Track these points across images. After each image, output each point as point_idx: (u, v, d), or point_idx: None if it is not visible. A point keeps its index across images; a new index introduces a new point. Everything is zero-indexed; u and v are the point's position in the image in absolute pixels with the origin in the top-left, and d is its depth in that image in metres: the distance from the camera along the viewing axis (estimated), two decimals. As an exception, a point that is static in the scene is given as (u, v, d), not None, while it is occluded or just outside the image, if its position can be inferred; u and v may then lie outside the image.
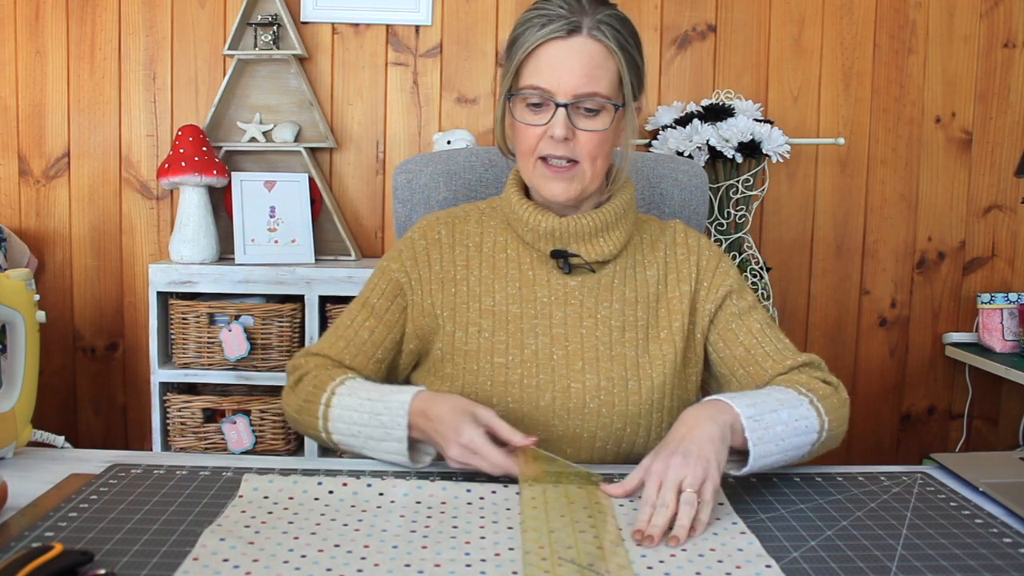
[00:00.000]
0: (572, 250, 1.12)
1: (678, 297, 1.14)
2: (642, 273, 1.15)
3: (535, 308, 1.12)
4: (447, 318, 1.12)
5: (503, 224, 1.17)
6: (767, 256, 2.49)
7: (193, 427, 2.22)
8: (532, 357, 1.09)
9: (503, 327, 1.11)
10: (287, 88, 2.44)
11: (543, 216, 1.11)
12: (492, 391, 1.08)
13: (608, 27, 1.05)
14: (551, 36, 1.04)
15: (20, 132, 2.47)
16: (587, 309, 1.12)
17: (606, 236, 1.13)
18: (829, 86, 2.48)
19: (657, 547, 0.80)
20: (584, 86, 1.04)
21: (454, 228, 1.17)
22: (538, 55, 1.05)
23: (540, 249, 1.13)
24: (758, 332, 1.12)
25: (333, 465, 1.02)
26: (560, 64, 1.04)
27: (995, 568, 0.77)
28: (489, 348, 1.10)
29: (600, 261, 1.13)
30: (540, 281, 1.13)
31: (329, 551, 0.78)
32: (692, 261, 1.16)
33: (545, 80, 1.05)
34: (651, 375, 1.09)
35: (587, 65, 1.04)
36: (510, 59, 1.09)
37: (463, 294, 1.13)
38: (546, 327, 1.11)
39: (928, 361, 2.57)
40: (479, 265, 1.15)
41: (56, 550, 0.69)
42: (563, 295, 1.12)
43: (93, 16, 2.44)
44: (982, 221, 2.54)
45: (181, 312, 2.20)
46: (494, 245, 1.16)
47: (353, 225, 2.50)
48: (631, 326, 1.12)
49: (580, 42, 1.04)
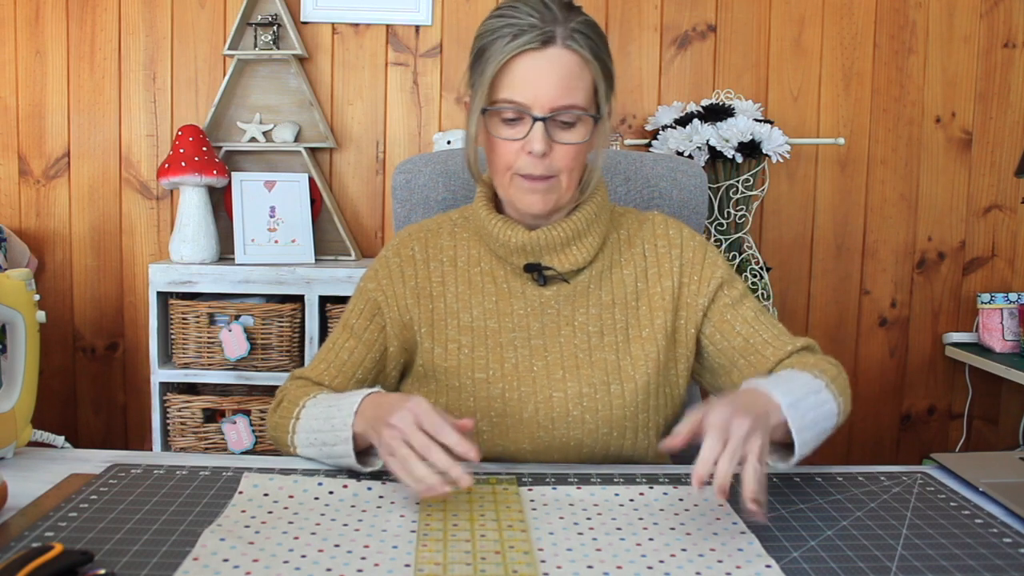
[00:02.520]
0: (545, 262, 1.11)
1: (659, 293, 1.12)
2: (619, 273, 1.14)
3: (512, 321, 1.11)
4: (425, 334, 1.12)
5: (475, 236, 1.16)
6: (767, 256, 2.50)
7: (193, 427, 2.22)
8: (512, 370, 1.09)
9: (482, 342, 1.10)
10: (287, 88, 2.44)
11: (513, 231, 1.10)
12: (475, 406, 1.08)
13: (581, 35, 1.02)
14: (525, 48, 1.00)
15: (20, 132, 2.47)
16: (564, 317, 1.11)
17: (579, 244, 1.11)
18: (829, 86, 2.48)
19: (657, 547, 0.80)
20: (561, 99, 1.01)
21: (427, 243, 1.16)
22: (512, 68, 1.01)
23: (513, 263, 1.12)
24: (753, 320, 1.12)
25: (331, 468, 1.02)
26: (536, 77, 1.01)
27: (995, 568, 0.77)
28: (469, 364, 1.09)
29: (574, 270, 1.12)
30: (515, 294, 1.12)
31: (329, 551, 0.78)
32: (674, 255, 1.14)
33: (520, 94, 1.01)
34: (634, 377, 1.09)
35: (564, 77, 1.01)
36: (480, 72, 1.04)
37: (440, 310, 1.13)
38: (524, 339, 1.10)
39: (928, 361, 2.57)
40: (455, 280, 1.14)
41: (56, 550, 0.69)
42: (539, 306, 1.11)
43: (93, 16, 2.44)
44: (982, 221, 2.54)
45: (181, 312, 2.20)
46: (468, 259, 1.15)
47: (353, 225, 2.50)
48: (609, 330, 1.11)
49: (555, 53, 1.01)
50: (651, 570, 0.76)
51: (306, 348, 2.22)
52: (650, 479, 0.98)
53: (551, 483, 0.96)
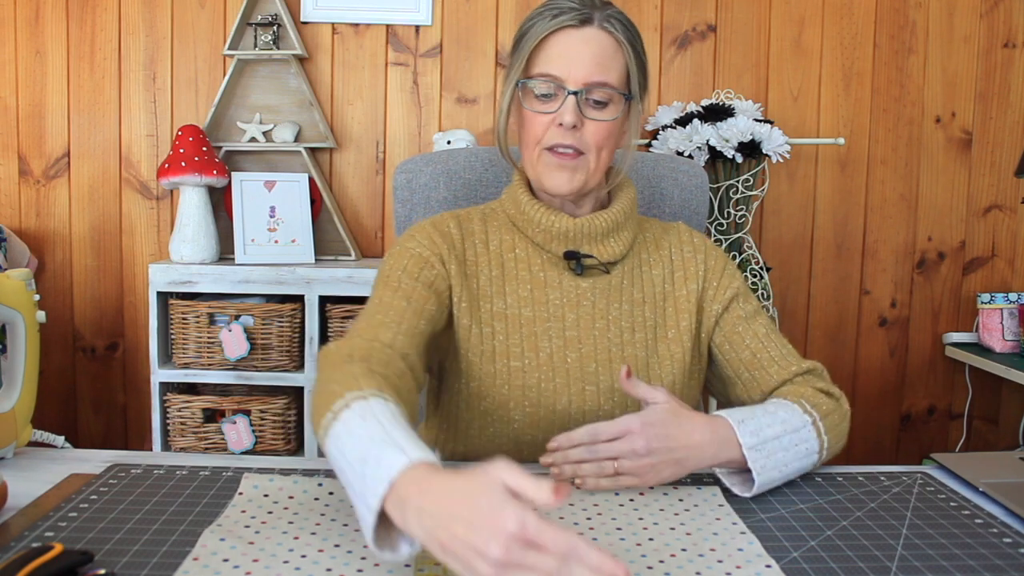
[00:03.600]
0: (585, 251, 1.12)
1: (685, 296, 1.14)
2: (648, 273, 1.16)
3: (547, 311, 1.11)
4: (464, 310, 1.09)
5: (507, 225, 1.16)
6: (767, 256, 2.49)
7: (193, 427, 2.22)
8: (547, 360, 1.09)
9: (516, 330, 1.10)
10: (287, 88, 2.44)
11: (556, 217, 1.11)
12: (510, 395, 1.08)
13: (617, 21, 1.07)
14: (563, 25, 1.05)
15: (20, 132, 2.47)
16: (599, 310, 1.11)
17: (616, 236, 1.13)
18: (829, 86, 2.48)
19: (657, 547, 0.80)
20: (595, 75, 1.05)
21: (461, 225, 1.16)
22: (549, 43, 1.06)
23: (552, 250, 1.12)
24: (763, 337, 1.13)
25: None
26: (571, 52, 1.05)
27: (995, 568, 0.77)
28: (504, 351, 1.09)
29: (612, 262, 1.13)
30: (552, 283, 1.12)
31: (329, 551, 0.78)
32: (699, 260, 1.17)
33: (556, 67, 1.06)
34: (660, 376, 1.10)
35: (598, 55, 1.05)
36: (519, 49, 1.09)
37: (474, 291, 1.11)
38: (559, 330, 1.10)
39: (928, 361, 2.57)
40: (488, 265, 1.13)
41: (56, 550, 0.69)
42: (575, 297, 1.12)
43: (93, 16, 2.44)
44: (982, 221, 2.54)
45: (181, 312, 2.20)
46: (501, 244, 1.15)
47: (353, 225, 2.50)
48: (640, 327, 1.12)
49: (591, 32, 1.06)
50: (651, 570, 0.76)
51: (306, 348, 2.22)
52: (650, 479, 0.98)
53: (551, 483, 0.96)
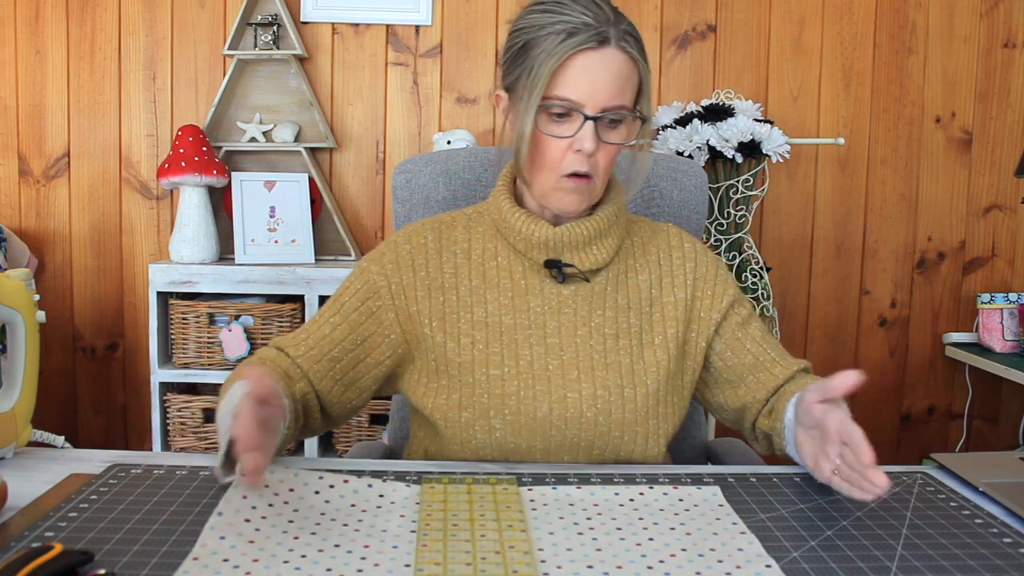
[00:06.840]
0: (566, 259, 1.10)
1: (673, 303, 1.13)
2: (634, 278, 1.14)
3: (528, 318, 1.10)
4: (436, 328, 1.10)
5: (491, 231, 1.15)
6: (767, 256, 2.49)
7: (193, 427, 2.22)
8: (528, 368, 1.08)
9: (497, 338, 1.09)
10: (287, 88, 2.44)
11: (536, 225, 1.09)
12: (489, 403, 1.07)
13: (632, 37, 1.04)
14: (583, 47, 1.00)
15: (20, 132, 2.47)
16: (581, 317, 1.11)
17: (599, 243, 1.11)
18: (829, 86, 2.48)
19: (657, 547, 0.80)
20: (614, 99, 1.02)
21: (441, 235, 1.15)
22: (568, 66, 1.01)
23: (533, 258, 1.11)
24: (761, 340, 1.15)
25: (333, 465, 1.02)
26: (591, 77, 1.01)
27: (995, 568, 0.77)
28: (484, 360, 1.08)
29: (594, 269, 1.12)
30: (533, 290, 1.11)
31: (329, 551, 0.78)
32: (688, 268, 1.16)
33: (576, 92, 1.01)
34: (646, 382, 1.09)
35: (617, 78, 1.02)
36: (529, 67, 1.02)
37: (452, 303, 1.11)
38: (540, 337, 1.10)
39: (928, 361, 2.57)
40: (468, 274, 1.13)
41: (56, 550, 0.69)
42: (556, 304, 1.11)
43: (93, 16, 2.44)
44: (982, 221, 2.54)
45: (181, 312, 2.20)
46: (483, 253, 1.14)
47: (353, 225, 2.50)
48: (624, 333, 1.11)
49: (610, 54, 1.01)
50: (651, 570, 0.76)
51: (306, 348, 2.22)
52: (650, 479, 0.98)
53: (551, 483, 0.96)
